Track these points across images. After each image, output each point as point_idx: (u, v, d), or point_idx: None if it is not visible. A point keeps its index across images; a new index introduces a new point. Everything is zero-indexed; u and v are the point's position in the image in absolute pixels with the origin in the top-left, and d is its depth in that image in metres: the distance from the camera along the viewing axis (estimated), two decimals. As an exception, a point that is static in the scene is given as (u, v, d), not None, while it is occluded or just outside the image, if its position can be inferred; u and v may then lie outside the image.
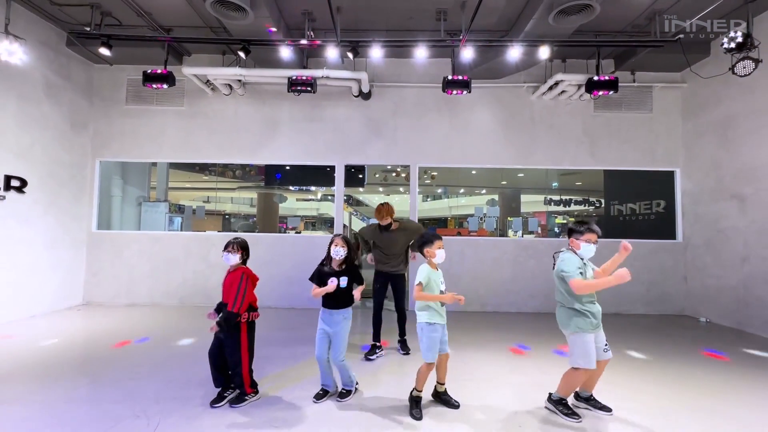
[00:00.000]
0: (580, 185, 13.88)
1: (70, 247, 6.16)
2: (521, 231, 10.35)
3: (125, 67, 6.55)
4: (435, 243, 2.80)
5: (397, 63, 6.57)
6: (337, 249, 2.93)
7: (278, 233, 9.02)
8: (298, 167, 7.58)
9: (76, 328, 5.01)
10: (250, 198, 16.76)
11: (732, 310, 5.51)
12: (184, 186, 13.10)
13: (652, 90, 6.52)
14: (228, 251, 2.87)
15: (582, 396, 2.89)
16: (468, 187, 16.37)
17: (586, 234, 2.66)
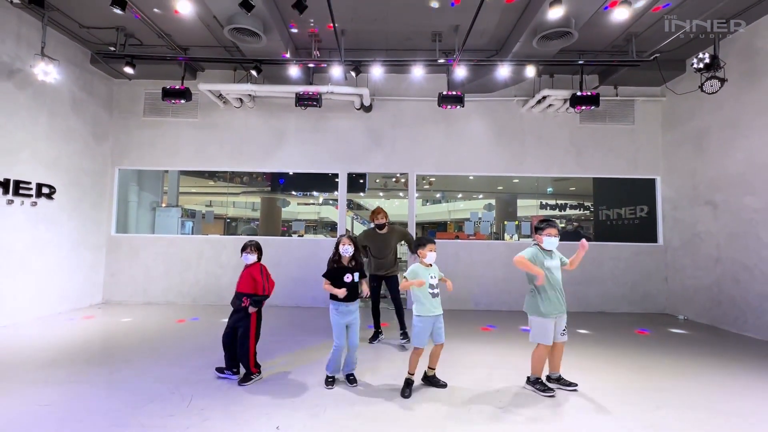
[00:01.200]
0: (574, 190, 14.36)
1: (91, 249, 6.62)
2: (516, 234, 10.82)
3: (143, 82, 7.04)
4: (426, 246, 3.24)
5: (396, 78, 7.06)
6: (345, 247, 3.34)
7: (283, 236, 9.46)
8: (302, 173, 8.06)
9: (100, 323, 5.45)
10: (252, 202, 17.25)
11: (707, 308, 5.94)
12: (190, 191, 13.58)
13: (634, 103, 6.99)
14: (247, 252, 3.45)
15: (552, 377, 3.38)
16: (466, 192, 16.85)
17: (546, 230, 3.21)
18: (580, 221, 14.31)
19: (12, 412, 2.75)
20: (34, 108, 5.50)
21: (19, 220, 5.29)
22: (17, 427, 2.55)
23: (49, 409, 2.81)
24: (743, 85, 5.40)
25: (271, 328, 5.25)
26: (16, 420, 2.64)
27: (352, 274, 3.33)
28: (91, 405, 2.89)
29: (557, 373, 3.37)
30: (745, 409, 3.02)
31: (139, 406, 2.87)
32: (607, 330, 5.44)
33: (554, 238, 3.19)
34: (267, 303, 3.46)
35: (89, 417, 2.70)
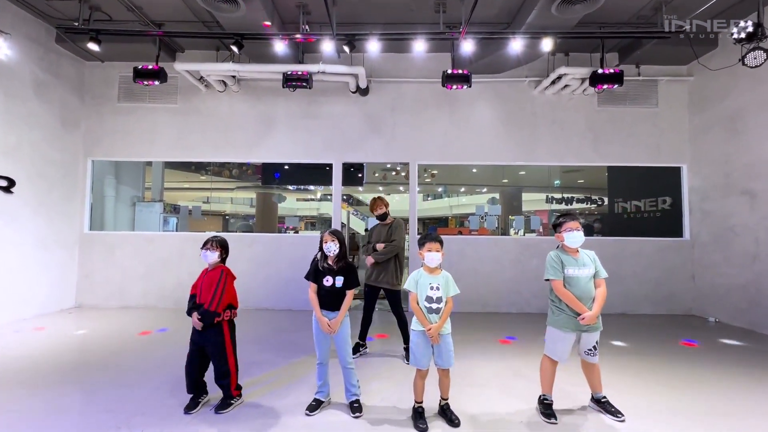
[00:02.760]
0: (582, 183, 13.72)
1: (61, 248, 6.02)
2: (522, 229, 10.20)
3: (117, 64, 6.40)
4: (425, 245, 2.61)
5: (395, 58, 6.41)
6: (328, 245, 2.78)
7: (277, 234, 8.85)
8: (297, 166, 7.43)
9: (66, 332, 4.86)
10: (250, 198, 16.64)
11: (742, 309, 5.33)
12: (182, 186, 12.97)
13: (658, 84, 6.35)
14: (207, 249, 2.79)
15: (595, 398, 2.82)
16: (469, 186, 16.21)
17: (565, 224, 2.69)
18: (594, 215, 13.64)
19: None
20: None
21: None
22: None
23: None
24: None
25: (257, 336, 4.66)
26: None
27: (334, 278, 2.74)
28: None
29: (600, 393, 2.80)
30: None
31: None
32: (641, 338, 4.83)
33: (576, 232, 2.65)
34: (255, 306, 2.98)
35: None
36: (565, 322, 2.63)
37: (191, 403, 2.73)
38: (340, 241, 2.80)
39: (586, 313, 2.55)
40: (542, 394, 2.77)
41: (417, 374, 2.62)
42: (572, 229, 2.65)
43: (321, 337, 2.80)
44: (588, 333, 2.65)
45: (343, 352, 2.78)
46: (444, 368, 2.60)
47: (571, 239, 2.66)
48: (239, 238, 6.49)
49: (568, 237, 2.66)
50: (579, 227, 2.66)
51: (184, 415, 2.66)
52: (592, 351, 2.69)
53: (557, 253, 2.71)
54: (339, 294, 2.75)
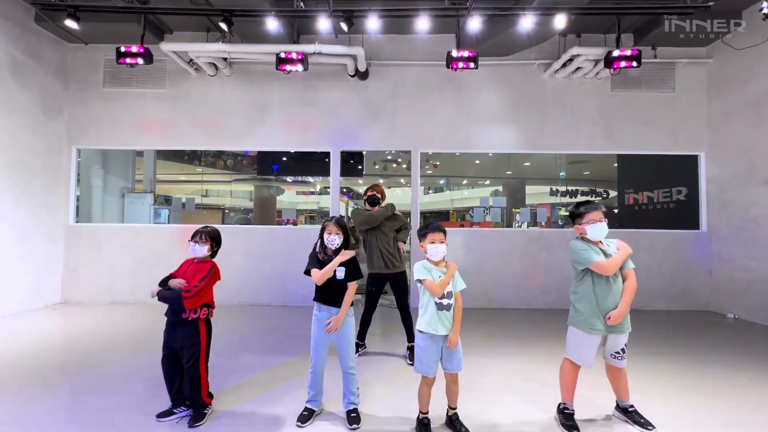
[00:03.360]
0: (588, 174, 13.38)
1: (45, 240, 5.71)
2: (526, 223, 9.89)
3: (101, 47, 6.04)
4: (427, 236, 2.30)
5: (396, 39, 6.04)
6: (331, 237, 2.46)
7: (273, 225, 8.54)
8: (294, 158, 7.12)
9: (47, 330, 4.58)
10: (250, 191, 16.33)
11: (765, 305, 5.03)
12: (179, 179, 12.65)
13: (675, 66, 5.98)
14: (195, 241, 2.50)
15: (621, 406, 2.52)
16: (471, 178, 15.86)
17: (588, 214, 2.36)
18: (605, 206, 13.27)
19: None
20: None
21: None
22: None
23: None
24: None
25: (247, 334, 4.37)
26: None
27: (335, 269, 2.44)
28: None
29: (627, 402, 2.49)
30: None
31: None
32: (659, 336, 4.52)
33: (600, 223, 2.32)
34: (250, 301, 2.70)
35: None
36: (590, 322, 2.32)
37: (166, 411, 2.47)
38: (344, 232, 2.49)
39: (612, 312, 2.24)
40: (562, 402, 2.47)
41: (423, 382, 2.31)
42: (596, 220, 2.32)
43: (321, 337, 2.48)
44: (616, 334, 2.34)
45: (345, 355, 2.49)
46: (453, 373, 2.30)
47: (595, 232, 2.33)
48: (233, 231, 6.18)
49: (592, 230, 2.33)
50: (603, 218, 2.34)
51: (157, 422, 2.38)
52: (620, 354, 2.39)
53: (581, 241, 2.39)
54: (340, 287, 2.46)
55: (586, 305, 2.33)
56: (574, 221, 2.44)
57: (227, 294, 5.63)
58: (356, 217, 3.70)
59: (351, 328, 2.53)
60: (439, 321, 2.22)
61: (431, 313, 2.24)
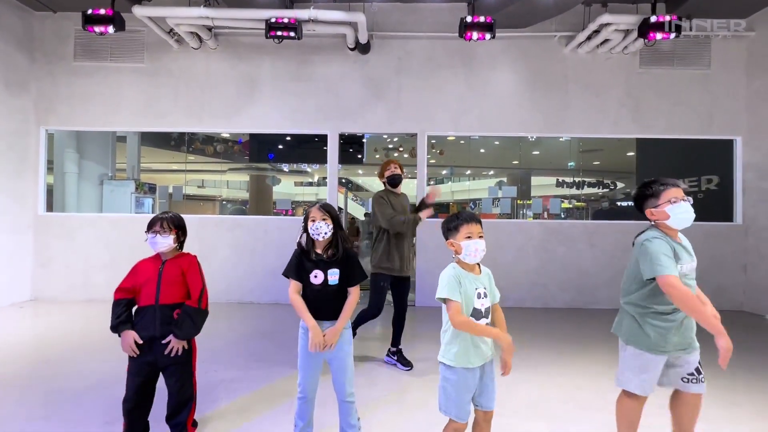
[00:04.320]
0: (598, 165, 12.81)
1: (10, 232, 5.14)
2: (532, 215, 9.35)
3: (72, 15, 5.39)
4: (460, 229, 1.64)
5: (402, 9, 5.41)
6: (317, 225, 1.86)
7: (264, 216, 7.98)
8: (291, 144, 6.54)
9: (14, 330, 4.04)
10: (246, 182, 15.74)
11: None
12: (166, 167, 12.02)
13: (711, 41, 5.38)
14: (155, 231, 1.97)
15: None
16: (476, 168, 15.25)
17: (665, 192, 1.71)
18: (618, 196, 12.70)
19: None
20: None
21: None
22: None
23: None
24: None
25: (232, 340, 3.83)
26: None
27: (325, 272, 1.86)
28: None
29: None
30: None
31: None
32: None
33: (684, 203, 1.69)
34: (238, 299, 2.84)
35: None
36: (662, 343, 1.71)
37: None
38: (333, 219, 1.90)
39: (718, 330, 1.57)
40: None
41: (450, 427, 1.68)
42: (678, 199, 1.68)
43: (309, 359, 1.90)
44: (688, 353, 1.75)
45: (342, 379, 1.91)
46: (488, 411, 1.70)
47: (680, 215, 1.68)
48: (219, 222, 5.62)
49: (675, 212, 1.68)
50: (685, 197, 1.72)
51: None
52: (695, 377, 1.76)
53: (661, 236, 1.71)
54: (334, 295, 1.88)
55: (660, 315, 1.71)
56: (645, 205, 1.80)
57: (211, 292, 5.07)
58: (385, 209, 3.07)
59: (349, 345, 1.94)
60: (475, 351, 1.63)
61: (463, 343, 1.62)
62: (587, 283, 5.35)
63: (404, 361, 3.17)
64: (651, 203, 1.78)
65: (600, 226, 5.51)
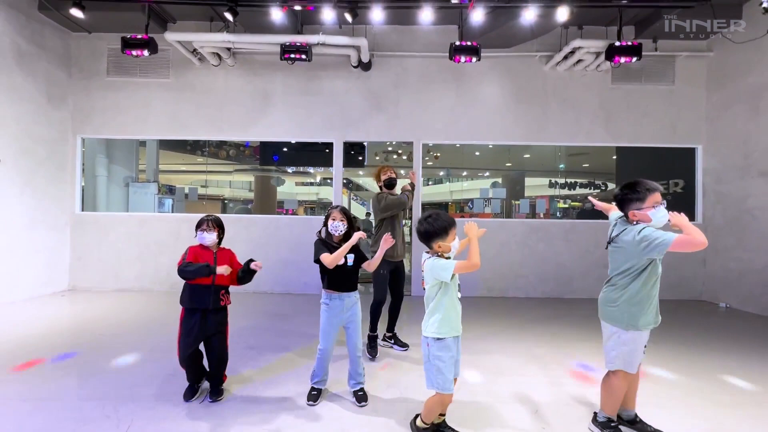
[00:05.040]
0: (587, 167, 13.47)
1: (51, 229, 5.80)
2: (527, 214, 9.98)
3: (105, 36, 6.05)
4: (449, 232, 1.99)
5: (400, 30, 6.07)
6: (335, 224, 2.51)
7: (275, 215, 8.62)
8: (296, 148, 7.17)
9: (57, 314, 4.69)
10: (249, 182, 16.35)
11: (756, 294, 5.18)
12: (180, 169, 12.69)
13: (675, 60, 6.03)
14: (203, 229, 2.52)
15: (624, 418, 2.28)
16: (471, 170, 15.92)
17: (651, 196, 1.94)
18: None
19: None
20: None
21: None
22: None
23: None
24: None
25: (251, 322, 4.49)
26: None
27: (346, 256, 2.48)
28: (7, 429, 2.14)
29: (633, 411, 2.28)
30: None
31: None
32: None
33: (662, 207, 1.95)
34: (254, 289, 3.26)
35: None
36: (647, 321, 2.03)
37: (191, 390, 2.56)
38: (348, 219, 2.55)
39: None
40: (605, 416, 2.17)
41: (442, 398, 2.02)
42: (659, 203, 1.94)
43: (331, 326, 2.53)
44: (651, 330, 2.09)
45: (355, 337, 2.57)
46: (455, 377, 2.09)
47: (660, 217, 1.93)
48: (236, 220, 6.28)
49: (656, 215, 1.92)
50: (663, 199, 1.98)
51: (185, 403, 2.48)
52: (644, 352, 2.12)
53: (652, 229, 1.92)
54: (350, 273, 2.54)
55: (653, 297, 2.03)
56: (628, 206, 2.01)
57: (232, 282, 5.74)
58: (382, 201, 3.45)
59: (359, 312, 2.62)
60: (454, 322, 2.00)
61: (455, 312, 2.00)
62: (564, 274, 6.01)
63: (400, 342, 3.60)
64: (636, 206, 1.98)
65: (575, 224, 6.17)
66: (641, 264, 1.97)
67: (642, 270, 1.97)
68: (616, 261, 2.08)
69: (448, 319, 1.99)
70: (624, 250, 2.00)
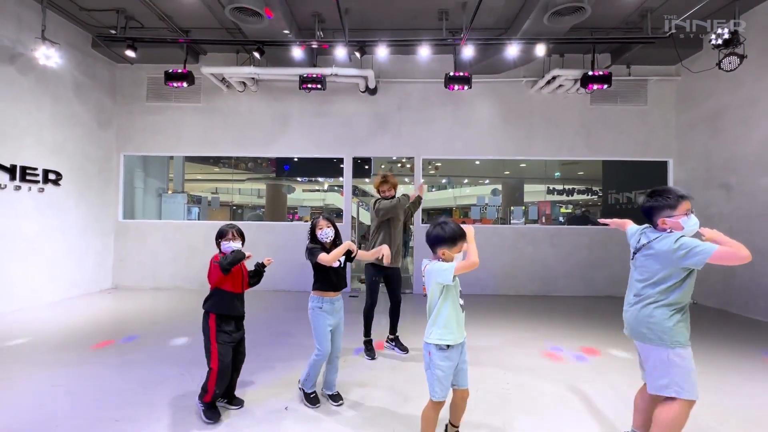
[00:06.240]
0: (583, 174, 14.17)
1: (99, 235, 6.67)
2: (524, 219, 10.71)
3: (145, 66, 6.95)
4: (458, 243, 1.99)
5: (402, 59, 6.90)
6: (324, 231, 2.64)
7: (286, 222, 9.45)
8: (306, 159, 7.97)
9: (110, 307, 5.53)
10: (258, 189, 17.25)
11: (717, 291, 5.87)
12: (196, 177, 13.61)
13: (647, 83, 6.78)
14: (229, 239, 2.56)
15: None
16: (472, 177, 16.68)
17: (683, 204, 1.87)
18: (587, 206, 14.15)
19: (27, 393, 2.80)
20: (38, 93, 5.45)
21: (27, 206, 5.32)
22: (33, 407, 2.59)
23: (62, 389, 2.86)
24: (764, 62, 5.20)
25: (276, 312, 5.29)
26: (32, 400, 2.69)
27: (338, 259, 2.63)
28: (104, 385, 2.94)
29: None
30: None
31: (149, 387, 2.90)
32: (615, 314, 5.38)
33: (693, 216, 1.89)
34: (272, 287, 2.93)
35: (102, 397, 2.74)
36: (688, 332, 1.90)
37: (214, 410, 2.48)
38: (334, 225, 2.72)
39: None
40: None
41: (433, 406, 2.01)
42: (691, 210, 1.88)
43: (325, 329, 2.61)
44: None
45: (338, 341, 2.71)
46: (464, 388, 2.08)
47: (692, 227, 1.87)
48: (258, 227, 7.11)
49: (689, 223, 1.86)
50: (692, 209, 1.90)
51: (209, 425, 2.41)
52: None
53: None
54: (343, 272, 2.74)
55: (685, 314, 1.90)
56: (659, 213, 1.91)
57: (256, 281, 6.57)
58: (377, 205, 3.61)
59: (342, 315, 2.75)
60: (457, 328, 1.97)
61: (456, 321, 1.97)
62: (549, 275, 6.74)
63: (401, 346, 3.74)
64: (666, 213, 1.88)
65: (560, 230, 6.91)
66: (682, 274, 1.84)
67: (685, 278, 1.85)
68: (650, 270, 1.92)
69: (449, 327, 1.96)
70: (659, 258, 1.87)
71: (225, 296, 2.53)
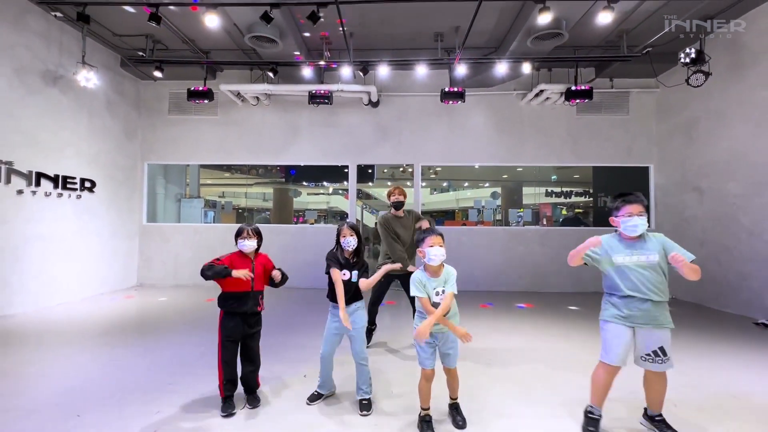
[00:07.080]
0: (578, 178, 14.69)
1: (126, 237, 7.31)
2: (522, 221, 11.24)
3: (167, 83, 7.60)
4: (425, 240, 2.32)
5: (402, 75, 7.50)
6: (347, 240, 2.69)
7: (297, 225, 10.07)
8: (312, 165, 8.59)
9: (141, 302, 6.16)
10: (263, 193, 17.92)
11: (692, 287, 6.38)
12: (206, 182, 14.30)
13: (629, 94, 7.33)
14: (244, 237, 2.67)
15: (649, 414, 2.38)
16: (472, 181, 17.25)
17: (623, 208, 2.21)
18: (578, 208, 14.72)
19: (92, 365, 3.42)
20: (76, 110, 6.11)
21: (67, 211, 5.96)
22: (101, 375, 3.20)
23: (120, 363, 3.47)
24: (729, 77, 5.73)
25: (290, 306, 5.89)
26: (98, 370, 3.30)
27: (350, 272, 2.67)
28: (154, 359, 3.56)
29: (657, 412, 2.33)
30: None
31: (191, 362, 3.51)
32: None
33: (636, 218, 2.17)
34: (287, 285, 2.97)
35: (154, 368, 3.35)
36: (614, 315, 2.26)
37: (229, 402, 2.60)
38: (358, 235, 2.73)
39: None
40: (589, 405, 2.34)
41: (422, 376, 2.35)
42: (632, 214, 2.17)
43: (333, 335, 2.70)
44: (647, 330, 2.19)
45: (357, 345, 2.66)
46: (450, 368, 2.41)
47: (629, 227, 2.19)
48: (270, 229, 7.72)
49: (625, 223, 2.19)
50: (642, 212, 2.17)
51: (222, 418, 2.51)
52: (654, 356, 2.18)
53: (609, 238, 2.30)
54: (355, 287, 2.69)
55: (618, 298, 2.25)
56: (611, 214, 2.29)
57: (269, 278, 7.18)
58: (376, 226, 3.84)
59: (363, 318, 2.71)
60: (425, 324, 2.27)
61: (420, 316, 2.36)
62: (539, 272, 7.28)
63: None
64: (613, 214, 2.27)
65: (549, 231, 7.46)
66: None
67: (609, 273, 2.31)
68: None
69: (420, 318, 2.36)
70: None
71: (227, 294, 2.63)
